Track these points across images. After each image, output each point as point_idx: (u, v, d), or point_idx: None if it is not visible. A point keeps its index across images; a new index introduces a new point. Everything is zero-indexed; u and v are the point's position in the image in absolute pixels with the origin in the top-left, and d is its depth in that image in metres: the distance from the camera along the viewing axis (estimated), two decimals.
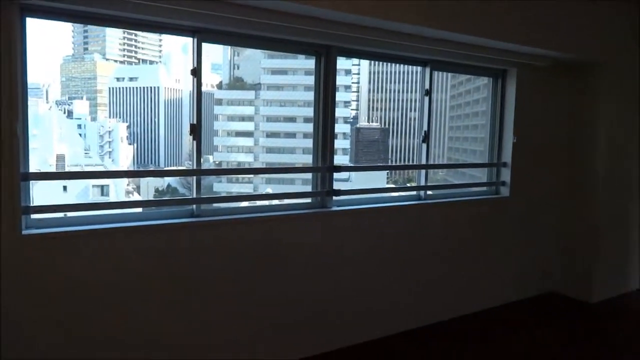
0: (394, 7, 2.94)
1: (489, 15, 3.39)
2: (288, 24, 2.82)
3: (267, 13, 2.72)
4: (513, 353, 3.45)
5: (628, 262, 4.76)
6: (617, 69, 4.29)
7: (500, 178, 4.30)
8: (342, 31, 3.02)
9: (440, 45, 3.46)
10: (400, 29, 3.15)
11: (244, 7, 2.66)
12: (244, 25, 2.79)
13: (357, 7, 2.81)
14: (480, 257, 4.13)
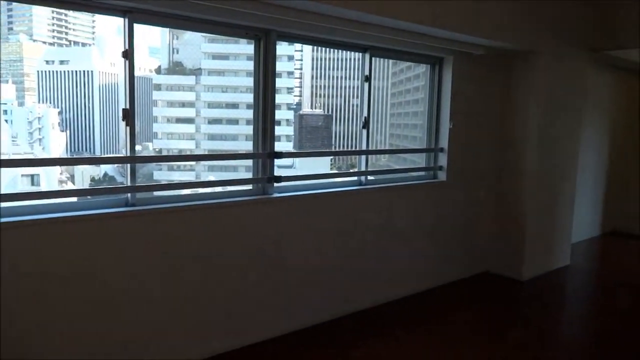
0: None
1: (428, 2, 3.45)
2: (225, 6, 2.75)
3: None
4: (449, 330, 3.58)
5: (557, 241, 5.06)
6: (547, 57, 4.50)
7: (438, 163, 4.43)
8: (281, 15, 2.97)
9: (380, 31, 3.49)
10: (340, 14, 3.15)
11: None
12: (178, 6, 2.70)
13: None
14: (418, 240, 4.24)
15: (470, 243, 4.72)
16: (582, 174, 6.00)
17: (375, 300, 3.95)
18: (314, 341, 3.33)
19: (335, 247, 3.65)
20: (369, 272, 3.89)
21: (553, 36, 4.52)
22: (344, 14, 3.16)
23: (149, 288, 2.80)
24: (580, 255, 5.68)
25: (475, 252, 4.78)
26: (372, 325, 3.61)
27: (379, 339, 3.39)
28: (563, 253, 5.18)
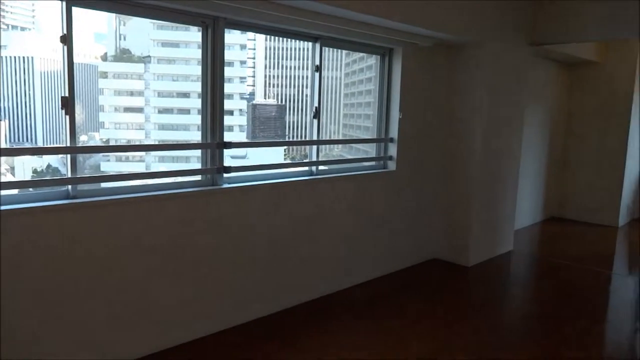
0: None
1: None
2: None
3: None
4: (397, 316, 3.67)
5: (501, 228, 5.26)
6: (490, 49, 4.65)
7: (388, 153, 4.51)
8: (229, 2, 2.93)
9: (330, 21, 3.50)
10: (291, 3, 3.13)
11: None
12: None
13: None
14: (368, 229, 4.32)
15: (419, 231, 4.84)
16: (524, 163, 6.27)
17: (326, 289, 4.00)
18: (263, 333, 3.34)
19: (286, 236, 3.66)
20: (320, 261, 3.93)
21: (495, 29, 4.67)
22: (294, 3, 3.15)
23: (88, 282, 2.72)
24: (522, 241, 5.95)
25: (424, 240, 4.91)
26: (322, 315, 3.65)
27: (328, 328, 3.44)
28: (507, 239, 5.41)
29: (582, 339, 3.41)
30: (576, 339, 3.42)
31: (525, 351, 3.22)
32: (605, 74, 6.82)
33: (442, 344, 3.25)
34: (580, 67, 6.99)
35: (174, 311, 3.08)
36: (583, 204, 7.11)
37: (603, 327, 3.71)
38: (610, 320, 3.86)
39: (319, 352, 3.08)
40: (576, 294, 4.33)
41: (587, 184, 7.06)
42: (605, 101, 6.85)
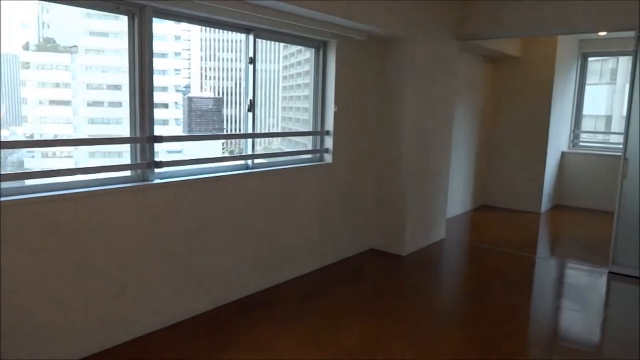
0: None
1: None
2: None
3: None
4: (334, 307, 3.73)
5: (433, 217, 5.46)
6: (420, 43, 4.79)
7: (324, 145, 4.55)
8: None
9: (263, 12, 3.47)
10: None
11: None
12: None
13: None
14: (305, 222, 4.34)
15: (356, 222, 4.93)
16: (455, 154, 6.53)
17: (263, 283, 3.99)
18: (199, 330, 3.29)
19: (220, 231, 3.61)
20: (256, 255, 3.91)
21: (425, 24, 4.82)
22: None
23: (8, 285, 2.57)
24: (454, 229, 6.20)
25: (361, 231, 5.01)
26: (259, 310, 3.64)
27: (266, 322, 3.44)
28: (439, 228, 5.62)
29: (510, 319, 3.61)
30: (504, 318, 3.62)
31: (458, 334, 3.37)
32: (527, 68, 7.22)
33: (378, 333, 3.34)
34: (504, 61, 7.36)
35: (93, 316, 2.96)
36: (509, 192, 7.52)
37: (528, 306, 3.94)
38: (534, 300, 4.11)
39: (252, 349, 3.08)
40: (504, 277, 4.57)
41: (512, 173, 7.47)
42: (527, 95, 7.26)
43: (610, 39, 7.33)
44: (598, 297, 4.22)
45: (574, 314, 3.80)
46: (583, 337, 3.40)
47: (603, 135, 8.26)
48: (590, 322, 3.67)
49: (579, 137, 8.04)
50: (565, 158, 7.85)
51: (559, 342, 3.32)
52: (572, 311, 3.84)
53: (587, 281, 4.57)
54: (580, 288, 4.38)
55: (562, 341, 3.34)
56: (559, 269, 4.92)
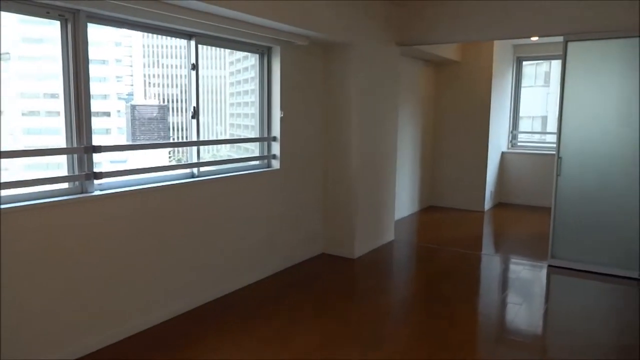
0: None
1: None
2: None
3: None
4: (286, 314, 3.70)
5: (382, 220, 5.54)
6: (363, 48, 4.86)
7: (272, 152, 4.52)
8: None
9: (204, 18, 3.41)
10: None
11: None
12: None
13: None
14: (254, 229, 4.30)
15: (305, 227, 4.92)
16: (401, 156, 6.67)
17: (214, 294, 3.91)
18: (144, 345, 3.17)
19: (166, 242, 3.51)
20: (205, 266, 3.83)
21: (366, 29, 4.90)
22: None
23: None
24: (403, 230, 6.32)
25: (311, 236, 5.01)
26: (209, 321, 3.56)
27: (216, 333, 3.36)
28: (388, 230, 5.71)
29: (459, 315, 3.71)
30: (454, 315, 3.71)
31: (409, 332, 3.42)
32: (467, 72, 7.49)
33: (331, 336, 3.34)
34: (445, 66, 7.60)
35: (43, 332, 2.80)
36: (454, 193, 7.76)
37: (476, 302, 4.06)
38: (482, 295, 4.24)
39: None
40: (452, 274, 4.69)
41: (456, 174, 7.71)
42: (467, 97, 7.52)
43: (542, 43, 7.72)
44: (539, 290, 4.41)
45: (518, 307, 3.94)
46: (527, 329, 3.54)
47: (540, 135, 8.67)
48: (533, 315, 3.82)
49: (517, 138, 8.41)
50: (505, 158, 8.18)
51: (506, 335, 3.43)
52: (516, 305, 3.99)
53: (528, 275, 4.76)
54: (523, 282, 4.56)
55: (508, 334, 3.45)
56: (503, 265, 5.10)
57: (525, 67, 8.38)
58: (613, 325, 3.61)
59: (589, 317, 3.74)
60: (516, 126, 8.37)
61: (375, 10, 5.00)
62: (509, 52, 8.01)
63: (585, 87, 4.69)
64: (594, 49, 4.64)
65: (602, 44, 4.60)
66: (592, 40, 4.62)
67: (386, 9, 5.19)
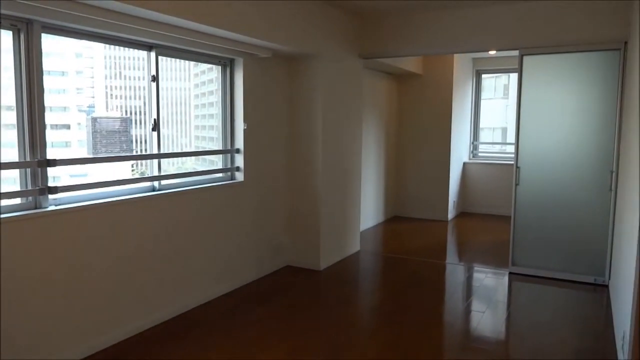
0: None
1: (213, 3, 3.44)
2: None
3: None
4: (251, 327, 3.65)
5: (348, 231, 5.55)
6: (326, 60, 4.90)
7: (235, 164, 4.48)
8: (41, 2, 2.65)
9: (164, 29, 3.37)
10: (119, 8, 2.94)
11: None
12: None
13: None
14: (219, 242, 4.24)
15: (271, 240, 4.88)
16: (365, 167, 6.73)
17: (177, 309, 3.82)
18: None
19: (126, 258, 3.42)
20: (169, 280, 3.74)
21: (329, 42, 4.95)
22: (125, 10, 2.96)
23: None
24: (368, 241, 6.36)
25: (276, 248, 4.97)
26: (175, 335, 3.47)
27: (178, 352, 3.28)
28: (354, 240, 5.73)
29: (425, 323, 3.73)
30: (419, 324, 3.73)
31: (375, 342, 3.42)
32: (428, 85, 7.65)
33: (295, 350, 3.30)
34: (407, 78, 7.75)
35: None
36: (418, 203, 7.87)
37: (441, 310, 4.10)
38: (446, 303, 4.29)
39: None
40: (417, 284, 4.73)
41: (420, 184, 7.83)
42: (430, 109, 7.68)
43: (500, 57, 7.98)
44: (501, 297, 4.50)
45: (481, 314, 4.01)
46: (490, 336, 3.59)
47: (500, 145, 8.91)
48: (496, 321, 3.89)
49: (478, 148, 8.62)
50: (466, 168, 8.37)
51: (470, 343, 3.47)
52: (479, 312, 4.05)
53: (491, 283, 4.85)
54: (486, 290, 4.64)
55: (472, 341, 3.50)
56: (466, 273, 5.19)
57: (484, 80, 8.63)
58: (572, 329, 3.71)
59: (549, 322, 3.84)
60: (477, 137, 8.58)
61: (338, 23, 5.06)
62: (469, 65, 8.24)
63: (540, 99, 4.86)
64: (547, 62, 4.82)
65: (555, 58, 4.79)
66: (545, 55, 4.80)
67: (349, 22, 5.26)
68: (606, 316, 3.97)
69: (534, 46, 4.78)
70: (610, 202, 4.60)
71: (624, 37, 4.40)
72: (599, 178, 4.65)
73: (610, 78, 4.56)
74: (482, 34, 4.96)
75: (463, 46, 5.14)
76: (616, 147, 4.54)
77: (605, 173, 4.62)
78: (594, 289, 4.62)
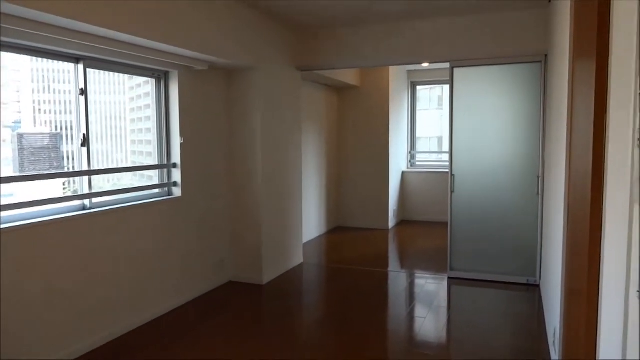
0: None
1: (143, 14, 3.34)
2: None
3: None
4: (191, 347, 3.53)
5: (290, 243, 5.52)
6: (264, 73, 4.89)
7: (172, 179, 4.35)
8: None
9: (92, 40, 3.23)
10: (42, 18, 2.79)
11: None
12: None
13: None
14: (157, 260, 4.08)
15: (211, 256, 4.77)
16: (306, 179, 6.75)
17: (111, 333, 3.63)
18: None
19: (57, 280, 3.22)
20: (102, 303, 3.55)
21: (268, 55, 4.95)
22: (45, 19, 2.82)
23: None
24: (311, 252, 6.35)
25: (217, 264, 4.86)
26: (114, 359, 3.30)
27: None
28: (297, 253, 5.70)
29: (369, 333, 3.76)
30: (364, 332, 3.75)
31: (320, 353, 3.39)
32: (366, 97, 7.81)
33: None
34: (345, 90, 7.87)
35: None
36: (359, 212, 7.97)
37: (385, 318, 4.14)
38: (390, 311, 4.34)
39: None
40: (360, 293, 4.77)
41: (360, 194, 7.94)
42: (368, 120, 7.83)
43: (433, 69, 8.28)
44: (442, 301, 4.62)
45: (423, 320, 4.09)
46: (432, 341, 3.67)
47: (437, 154, 9.21)
48: (437, 326, 3.98)
49: (415, 157, 8.87)
50: (405, 177, 8.58)
51: (414, 349, 3.53)
52: (421, 318, 4.13)
53: (431, 288, 4.97)
54: (427, 295, 4.75)
55: (416, 347, 3.56)
56: (408, 280, 5.29)
57: (420, 91, 8.92)
58: (508, 329, 3.86)
59: (486, 324, 3.97)
60: (414, 147, 8.83)
61: (276, 36, 5.06)
62: (404, 77, 8.49)
63: (470, 109, 5.08)
64: (476, 74, 5.05)
65: (483, 70, 5.02)
66: (474, 67, 5.03)
67: (286, 35, 5.28)
68: (539, 315, 4.16)
69: (463, 59, 4.99)
70: (538, 206, 4.86)
71: (544, 51, 4.69)
72: (527, 183, 4.91)
73: (534, 88, 4.84)
74: (414, 47, 5.13)
75: (396, 59, 5.28)
76: (541, 153, 4.80)
77: (533, 178, 4.88)
78: (526, 289, 4.84)
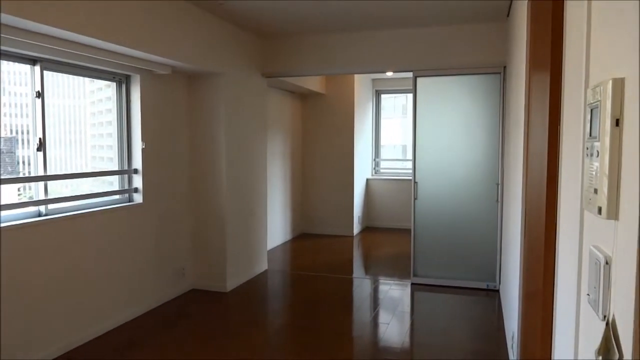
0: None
1: (104, 16, 3.27)
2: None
3: None
4: (154, 356, 3.45)
5: (255, 250, 5.48)
6: (229, 79, 4.86)
7: (133, 185, 4.25)
8: None
9: (49, 42, 3.14)
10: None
11: None
12: None
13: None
14: (116, 268, 3.97)
15: (173, 263, 4.68)
16: (271, 186, 6.72)
17: (71, 343, 3.50)
18: None
19: (10, 290, 3.08)
20: (59, 313, 3.42)
21: (233, 61, 4.92)
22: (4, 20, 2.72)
23: None
24: (276, 259, 6.32)
25: (179, 272, 4.77)
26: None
27: None
28: (261, 260, 5.66)
29: (334, 340, 3.76)
30: (328, 341, 3.74)
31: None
32: (331, 104, 7.86)
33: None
34: (311, 97, 7.90)
35: None
36: (324, 219, 7.98)
37: (349, 325, 4.16)
38: (354, 318, 4.36)
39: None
40: (325, 299, 4.77)
41: (325, 201, 7.96)
42: (333, 128, 7.88)
43: (397, 78, 8.41)
44: (405, 307, 4.67)
45: (387, 325, 4.12)
46: (395, 346, 3.70)
47: (401, 162, 9.34)
48: (401, 331, 4.02)
49: (379, 165, 8.97)
50: (369, 184, 8.66)
51: (378, 355, 3.55)
52: (385, 324, 4.17)
53: (395, 294, 5.02)
54: (390, 301, 4.80)
55: (380, 353, 3.58)
56: (372, 286, 5.33)
57: (384, 99, 9.04)
58: (468, 333, 3.94)
59: (448, 328, 4.04)
60: (378, 154, 8.93)
61: (241, 42, 5.04)
62: (369, 85, 8.59)
63: (433, 118, 5.19)
64: (438, 84, 5.17)
65: (445, 80, 5.14)
66: (436, 77, 5.15)
67: (252, 41, 5.27)
68: (498, 319, 4.27)
69: (426, 68, 5.10)
70: (497, 213, 4.99)
71: (503, 62, 4.84)
72: (487, 190, 5.04)
73: (493, 98, 4.98)
74: (378, 56, 5.21)
75: (361, 67, 5.35)
76: (500, 161, 4.95)
77: (493, 185, 5.01)
78: (486, 294, 4.95)
